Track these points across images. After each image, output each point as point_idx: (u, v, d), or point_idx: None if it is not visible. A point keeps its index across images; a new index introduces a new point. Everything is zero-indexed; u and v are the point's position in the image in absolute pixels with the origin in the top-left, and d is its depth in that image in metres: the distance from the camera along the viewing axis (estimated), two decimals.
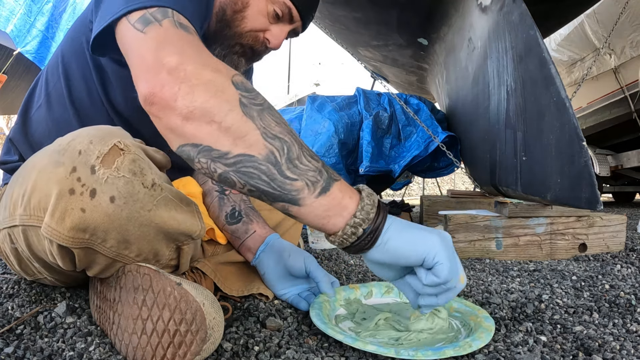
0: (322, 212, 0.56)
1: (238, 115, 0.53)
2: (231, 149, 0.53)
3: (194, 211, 0.65)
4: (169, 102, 0.53)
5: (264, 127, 0.54)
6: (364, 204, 0.57)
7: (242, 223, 0.90)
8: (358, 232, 0.56)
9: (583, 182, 1.01)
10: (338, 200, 0.56)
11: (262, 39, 0.86)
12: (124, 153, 0.56)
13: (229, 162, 0.54)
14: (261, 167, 0.54)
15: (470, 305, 0.77)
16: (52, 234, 0.54)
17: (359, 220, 0.56)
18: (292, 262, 0.82)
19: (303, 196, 0.55)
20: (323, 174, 0.56)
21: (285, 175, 0.54)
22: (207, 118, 0.53)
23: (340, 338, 0.61)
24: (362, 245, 0.58)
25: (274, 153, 0.54)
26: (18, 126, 0.87)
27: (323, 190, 0.56)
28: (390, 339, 0.67)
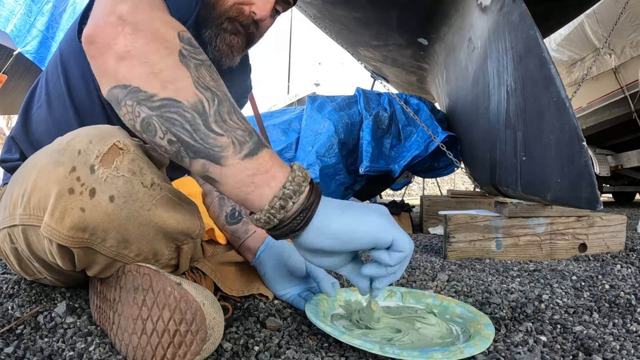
0: (247, 177, 0.50)
1: (174, 61, 0.51)
2: (159, 91, 0.50)
3: (193, 211, 0.65)
4: (109, 40, 0.51)
5: (198, 77, 0.52)
6: (295, 175, 0.51)
7: (242, 223, 0.90)
8: (287, 205, 0.50)
9: (583, 182, 1.01)
10: (266, 167, 0.51)
11: (248, 12, 0.83)
12: (123, 152, 0.56)
13: (154, 105, 0.50)
14: (186, 114, 0.50)
15: (473, 311, 0.75)
16: (52, 233, 0.54)
17: (289, 191, 0.50)
18: (292, 262, 0.82)
19: (227, 154, 0.50)
20: (253, 137, 0.52)
21: (210, 128, 0.50)
22: (142, 59, 0.51)
23: (328, 330, 0.61)
24: (292, 226, 0.51)
25: (203, 102, 0.51)
26: (19, 125, 0.88)
27: (251, 152, 0.51)
28: (382, 338, 0.66)
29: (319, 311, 0.70)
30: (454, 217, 1.38)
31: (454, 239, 1.37)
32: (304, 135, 2.79)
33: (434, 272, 1.15)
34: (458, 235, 1.37)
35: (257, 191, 0.51)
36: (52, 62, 0.87)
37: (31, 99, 0.89)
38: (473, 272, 1.16)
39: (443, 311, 0.78)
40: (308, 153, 2.69)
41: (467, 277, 1.09)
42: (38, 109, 0.86)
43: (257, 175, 0.51)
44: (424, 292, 0.84)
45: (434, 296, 0.82)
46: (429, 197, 2.57)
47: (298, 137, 2.87)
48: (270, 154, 0.52)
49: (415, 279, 1.08)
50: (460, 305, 0.78)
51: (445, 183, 11.28)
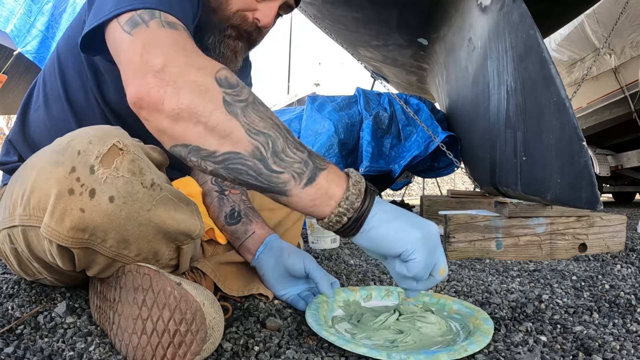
0: (309, 202, 0.58)
1: (222, 114, 0.55)
2: (218, 147, 0.55)
3: (193, 211, 0.65)
4: (157, 105, 0.55)
5: (248, 124, 0.56)
6: (349, 194, 0.59)
7: (242, 224, 0.90)
8: (342, 220, 0.59)
9: (583, 182, 1.01)
10: (324, 190, 0.58)
11: (252, 19, 0.84)
12: (123, 153, 0.56)
13: (218, 159, 0.56)
14: (248, 162, 0.56)
15: (470, 306, 0.76)
16: (52, 234, 0.54)
17: (342, 210, 0.58)
18: (291, 262, 0.82)
19: (290, 187, 0.57)
20: (309, 165, 0.58)
21: (271, 169, 0.56)
22: (194, 119, 0.54)
23: (333, 340, 0.61)
24: (347, 232, 0.60)
25: (259, 148, 0.56)
26: (17, 127, 0.87)
27: (309, 181, 0.58)
28: (386, 340, 0.66)
29: (319, 316, 0.70)
30: (454, 217, 1.38)
31: (454, 239, 1.37)
32: (304, 135, 2.79)
33: None
34: (458, 235, 1.37)
35: (318, 209, 0.59)
36: (49, 64, 0.87)
37: (29, 101, 0.89)
38: (473, 272, 1.16)
39: (440, 309, 0.79)
40: None
41: (467, 277, 1.09)
42: (36, 110, 0.86)
43: (317, 199, 0.59)
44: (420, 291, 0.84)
45: (430, 294, 0.82)
46: (429, 197, 2.57)
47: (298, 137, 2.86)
48: (326, 176, 0.59)
49: None
50: (457, 302, 0.78)
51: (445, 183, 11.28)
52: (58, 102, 0.84)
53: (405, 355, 0.57)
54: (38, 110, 0.86)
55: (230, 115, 0.55)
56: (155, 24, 0.60)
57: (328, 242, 1.58)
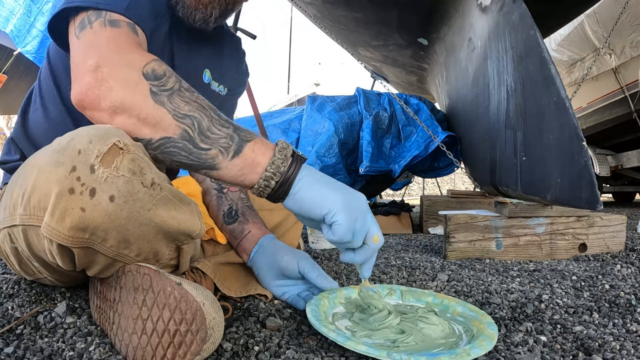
0: (238, 172, 0.63)
1: (150, 104, 0.61)
2: (152, 135, 0.61)
3: (193, 211, 0.65)
4: (95, 103, 0.61)
5: (174, 110, 0.61)
6: (275, 159, 0.62)
7: (239, 223, 0.90)
8: (270, 184, 0.63)
9: (583, 182, 1.01)
10: (251, 159, 0.63)
11: None
12: (124, 152, 0.56)
13: (154, 146, 0.61)
14: (178, 144, 0.61)
15: (474, 309, 0.75)
16: (52, 233, 0.54)
17: (269, 174, 0.62)
18: (285, 263, 0.82)
19: (218, 161, 0.62)
20: (234, 139, 0.63)
21: (199, 147, 0.61)
22: (127, 112, 0.60)
23: (332, 336, 0.60)
24: (277, 195, 0.64)
25: (187, 130, 0.61)
26: (18, 126, 0.89)
27: (235, 153, 0.62)
28: (386, 340, 0.65)
29: (320, 312, 0.70)
30: (454, 217, 1.38)
31: (454, 239, 1.37)
32: (304, 135, 2.79)
33: (434, 272, 1.15)
34: (458, 235, 1.37)
35: (247, 178, 0.63)
36: (43, 65, 0.89)
37: (28, 102, 0.91)
38: (473, 272, 1.16)
39: (444, 310, 0.78)
40: (308, 153, 2.69)
41: (467, 277, 1.09)
42: (34, 111, 0.88)
43: (245, 168, 0.63)
44: (423, 290, 0.83)
45: (433, 295, 0.82)
46: (429, 197, 2.57)
47: (298, 137, 2.87)
48: (252, 147, 0.63)
49: (415, 279, 1.08)
50: (461, 304, 0.77)
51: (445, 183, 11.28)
52: (54, 102, 0.85)
53: (407, 355, 0.56)
54: (36, 111, 0.88)
55: (158, 105, 0.61)
56: (98, 24, 0.66)
57: (328, 242, 1.58)
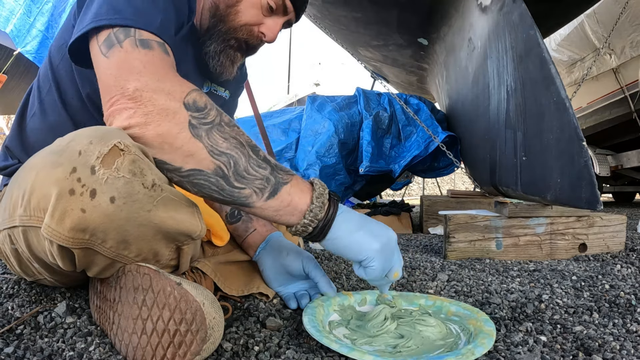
0: (273, 213, 0.64)
1: (187, 136, 0.59)
2: (183, 165, 0.60)
3: (194, 212, 0.65)
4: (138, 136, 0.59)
5: (211, 145, 0.60)
6: (313, 207, 0.64)
7: (242, 222, 0.91)
8: (308, 230, 0.65)
9: (583, 182, 1.01)
10: (287, 202, 0.63)
11: (257, 32, 0.87)
12: (124, 153, 0.56)
13: (182, 174, 0.61)
14: (210, 179, 0.61)
15: (469, 308, 0.75)
16: (52, 234, 0.54)
17: (307, 221, 0.64)
18: (289, 261, 0.83)
19: (252, 201, 0.62)
20: (270, 181, 0.63)
21: (233, 186, 0.61)
22: (160, 140, 0.59)
23: (336, 347, 0.59)
24: (314, 239, 0.66)
25: (221, 168, 0.60)
26: (14, 133, 0.87)
27: (271, 194, 0.63)
28: (387, 346, 0.65)
29: (317, 322, 0.69)
30: (454, 217, 1.38)
31: (454, 239, 1.37)
32: (304, 135, 2.79)
33: (434, 272, 1.15)
34: (458, 235, 1.37)
35: (283, 219, 0.65)
36: (43, 70, 0.86)
37: (25, 108, 0.88)
38: (473, 272, 1.16)
39: (437, 311, 0.78)
40: (308, 153, 2.69)
41: (467, 277, 1.09)
42: (32, 117, 0.85)
43: (280, 210, 0.64)
44: (415, 293, 0.84)
45: (425, 297, 0.82)
46: (429, 197, 2.57)
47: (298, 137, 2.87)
48: (288, 190, 0.64)
49: (415, 279, 1.08)
50: (454, 304, 0.77)
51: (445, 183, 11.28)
52: (55, 108, 0.83)
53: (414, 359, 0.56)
54: (34, 117, 0.85)
55: (195, 138, 0.60)
56: (128, 43, 0.63)
57: None
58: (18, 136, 0.87)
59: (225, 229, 0.92)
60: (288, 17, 0.88)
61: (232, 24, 0.84)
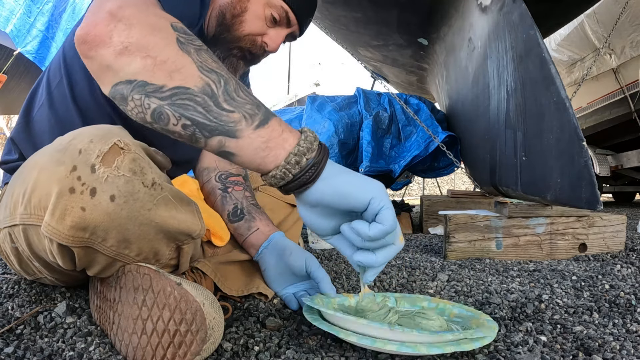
0: (262, 144, 0.54)
1: (174, 49, 0.54)
2: (166, 82, 0.53)
3: (194, 211, 0.65)
4: (103, 38, 0.53)
5: (201, 61, 0.54)
6: (307, 135, 0.56)
7: (244, 221, 0.91)
8: (302, 161, 0.55)
9: (583, 182, 1.01)
10: (278, 132, 0.55)
11: (260, 42, 0.88)
12: (124, 152, 0.56)
13: (164, 95, 0.53)
14: (197, 98, 0.53)
15: (472, 310, 0.75)
16: (52, 232, 0.54)
17: (302, 148, 0.55)
18: (292, 260, 0.83)
19: (240, 127, 0.54)
20: (261, 108, 0.56)
21: (221, 107, 0.53)
22: (143, 52, 0.52)
23: (354, 340, 0.57)
24: (305, 179, 0.55)
25: (210, 85, 0.54)
26: (20, 126, 0.87)
27: (262, 122, 0.55)
28: None
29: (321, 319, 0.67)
30: (454, 217, 1.38)
31: (454, 239, 1.37)
32: None
33: (434, 272, 1.15)
34: (458, 235, 1.37)
35: (272, 153, 0.55)
36: (54, 63, 0.86)
37: (32, 100, 0.88)
38: (473, 272, 1.16)
39: (440, 313, 0.77)
40: None
41: (467, 277, 1.09)
42: (39, 109, 0.86)
43: (271, 140, 0.55)
44: (417, 295, 0.83)
45: (428, 299, 0.81)
46: (429, 197, 2.57)
47: None
48: (279, 121, 0.56)
49: (415, 279, 1.08)
50: (457, 306, 0.77)
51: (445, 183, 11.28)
52: (64, 102, 0.83)
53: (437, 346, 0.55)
54: (42, 109, 0.85)
55: (183, 52, 0.54)
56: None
57: (325, 241, 1.58)
58: (24, 128, 0.87)
59: (225, 229, 0.92)
60: (291, 29, 0.90)
61: (236, 33, 0.85)
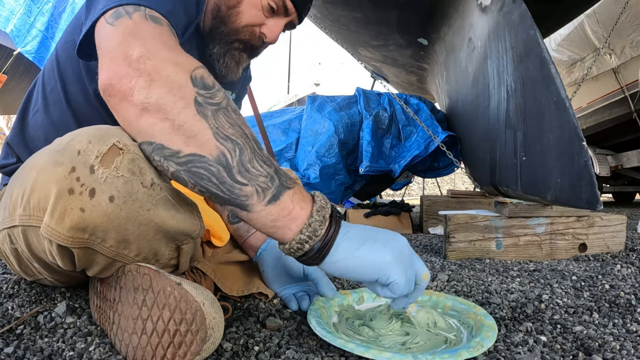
0: (270, 222, 0.56)
1: (191, 113, 0.53)
2: (182, 148, 0.53)
3: (193, 211, 0.65)
4: (126, 94, 0.53)
5: (217, 128, 0.54)
6: (312, 220, 0.56)
7: (243, 222, 0.90)
8: (304, 248, 0.56)
9: (583, 182, 1.01)
10: (287, 211, 0.56)
11: (259, 33, 0.87)
12: (123, 152, 0.56)
13: (180, 160, 0.54)
14: (211, 168, 0.53)
15: (465, 302, 0.76)
16: (52, 233, 0.54)
17: (304, 237, 0.56)
18: (290, 262, 0.83)
19: (252, 202, 0.54)
20: (275, 181, 0.56)
21: (235, 179, 0.54)
22: (161, 115, 0.53)
23: (351, 348, 0.58)
24: (310, 261, 0.58)
25: (225, 155, 0.53)
26: (16, 130, 0.87)
27: (273, 198, 0.55)
28: (396, 344, 0.65)
29: (324, 324, 0.68)
30: (454, 217, 1.38)
31: (454, 239, 1.37)
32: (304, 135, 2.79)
33: (434, 272, 1.15)
34: (458, 235, 1.37)
35: (279, 232, 0.56)
36: (48, 67, 0.86)
37: (27, 104, 0.88)
38: (473, 272, 1.16)
39: (433, 306, 0.79)
40: (308, 153, 2.69)
41: (467, 277, 1.09)
42: (35, 114, 0.85)
43: (279, 220, 0.56)
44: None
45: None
46: (429, 197, 2.57)
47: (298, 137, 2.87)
48: (291, 196, 0.56)
49: None
50: (450, 299, 0.78)
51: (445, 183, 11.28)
52: (58, 106, 0.83)
53: (431, 355, 0.56)
54: (37, 113, 0.85)
55: (200, 116, 0.53)
56: (138, 16, 0.59)
57: None
58: (20, 132, 0.86)
59: (224, 229, 0.92)
60: (290, 18, 0.89)
61: (233, 25, 0.85)
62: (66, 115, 0.83)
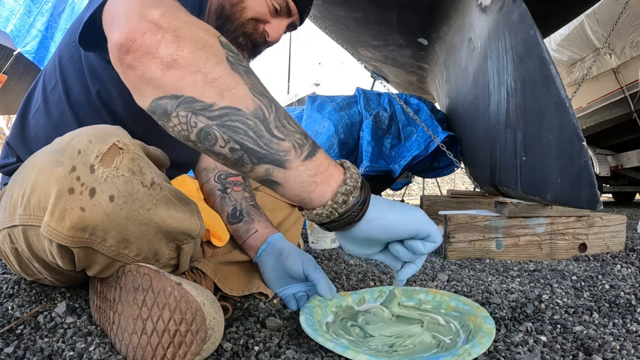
0: (309, 177, 0.53)
1: (226, 69, 0.51)
2: (217, 100, 0.50)
3: (193, 210, 0.65)
4: (150, 48, 0.49)
5: (252, 84, 0.52)
6: (352, 172, 0.55)
7: (244, 222, 0.91)
8: (349, 200, 0.54)
9: (583, 182, 1.00)
10: (325, 166, 0.54)
11: (262, 30, 0.87)
12: (123, 152, 0.56)
13: (214, 114, 0.50)
14: (248, 122, 0.50)
15: (469, 302, 0.74)
16: (52, 233, 0.54)
17: (349, 187, 0.53)
18: (289, 263, 0.82)
19: (290, 158, 0.52)
20: (309, 139, 0.54)
21: (272, 133, 0.51)
22: (193, 68, 0.49)
23: (330, 346, 0.59)
24: (351, 218, 0.55)
25: (262, 109, 0.51)
26: (16, 130, 0.86)
27: (310, 154, 0.53)
28: (384, 345, 0.65)
29: (314, 321, 0.68)
30: (454, 217, 1.38)
31: (454, 239, 1.37)
32: None
33: (434, 272, 1.15)
34: (458, 235, 1.37)
35: (319, 188, 0.54)
36: (49, 67, 0.86)
37: (28, 104, 0.88)
38: (473, 272, 1.16)
39: (437, 306, 0.78)
40: None
41: (467, 277, 1.09)
42: (35, 113, 0.85)
43: (318, 175, 0.53)
44: (414, 287, 0.83)
45: (425, 291, 0.81)
46: (429, 197, 2.57)
47: None
48: (324, 154, 0.55)
49: (415, 278, 1.08)
50: (454, 299, 0.77)
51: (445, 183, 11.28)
52: (59, 106, 0.83)
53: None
54: (37, 113, 0.85)
55: (234, 72, 0.51)
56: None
57: (328, 242, 1.58)
58: (20, 132, 0.86)
59: (224, 229, 0.92)
60: (292, 19, 0.89)
61: (239, 21, 0.85)
62: (67, 115, 0.82)
